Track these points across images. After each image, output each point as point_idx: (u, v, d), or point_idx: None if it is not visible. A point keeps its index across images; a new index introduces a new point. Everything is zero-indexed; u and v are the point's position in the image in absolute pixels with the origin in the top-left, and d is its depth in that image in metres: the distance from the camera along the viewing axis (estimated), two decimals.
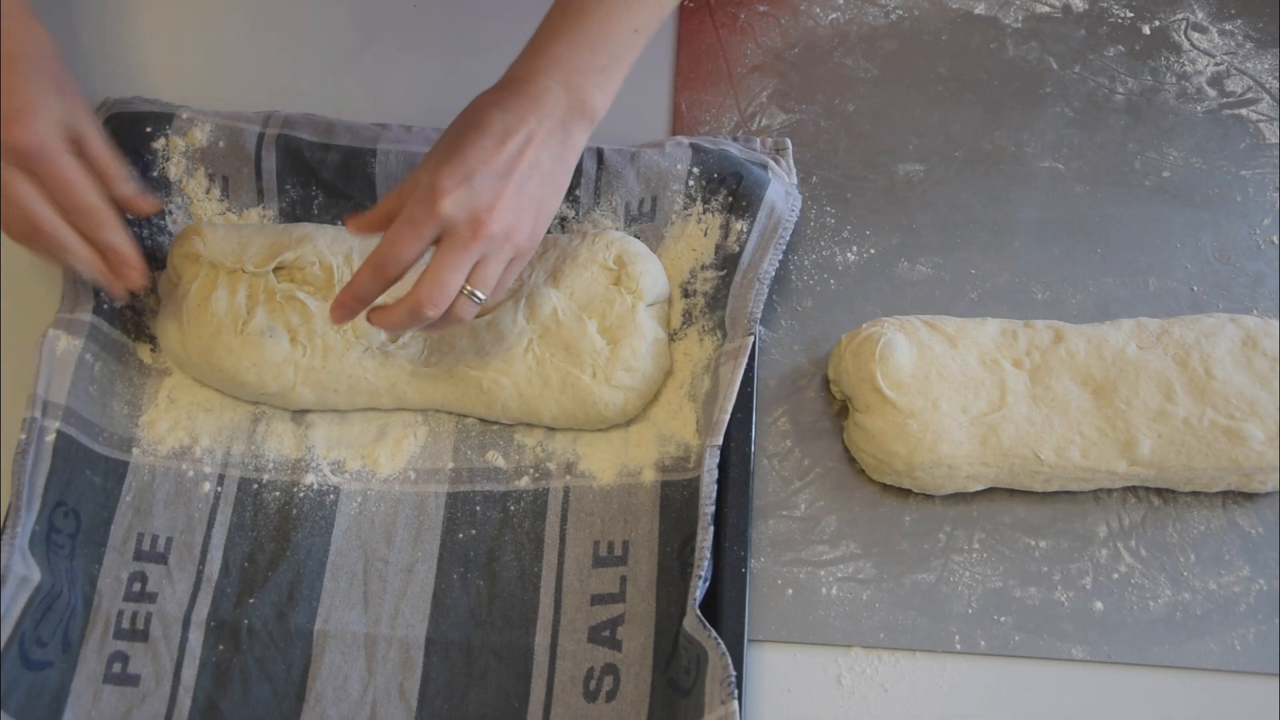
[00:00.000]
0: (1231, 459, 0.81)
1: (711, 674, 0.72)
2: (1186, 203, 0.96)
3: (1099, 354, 0.84)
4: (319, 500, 0.84)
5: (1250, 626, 0.81)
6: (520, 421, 0.86)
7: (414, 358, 0.85)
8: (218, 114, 0.91)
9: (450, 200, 0.73)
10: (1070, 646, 0.80)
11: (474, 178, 0.74)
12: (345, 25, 1.03)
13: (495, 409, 0.85)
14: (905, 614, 0.81)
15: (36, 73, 0.75)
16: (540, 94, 0.76)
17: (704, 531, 0.77)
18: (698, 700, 0.73)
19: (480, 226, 0.74)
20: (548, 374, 0.84)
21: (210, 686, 0.78)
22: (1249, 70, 1.02)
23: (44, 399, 0.80)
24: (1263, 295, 0.92)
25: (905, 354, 0.83)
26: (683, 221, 0.90)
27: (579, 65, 0.77)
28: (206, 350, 0.84)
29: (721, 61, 1.02)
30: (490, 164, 0.74)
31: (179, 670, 0.79)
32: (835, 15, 1.05)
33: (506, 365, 0.84)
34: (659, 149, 0.90)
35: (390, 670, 0.79)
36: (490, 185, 0.74)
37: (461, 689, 0.79)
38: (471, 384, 0.85)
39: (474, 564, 0.82)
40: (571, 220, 0.91)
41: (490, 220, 0.74)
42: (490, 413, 0.86)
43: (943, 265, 0.93)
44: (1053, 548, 0.83)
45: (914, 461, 0.81)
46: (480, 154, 0.74)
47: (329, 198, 0.91)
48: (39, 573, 0.77)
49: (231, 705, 0.78)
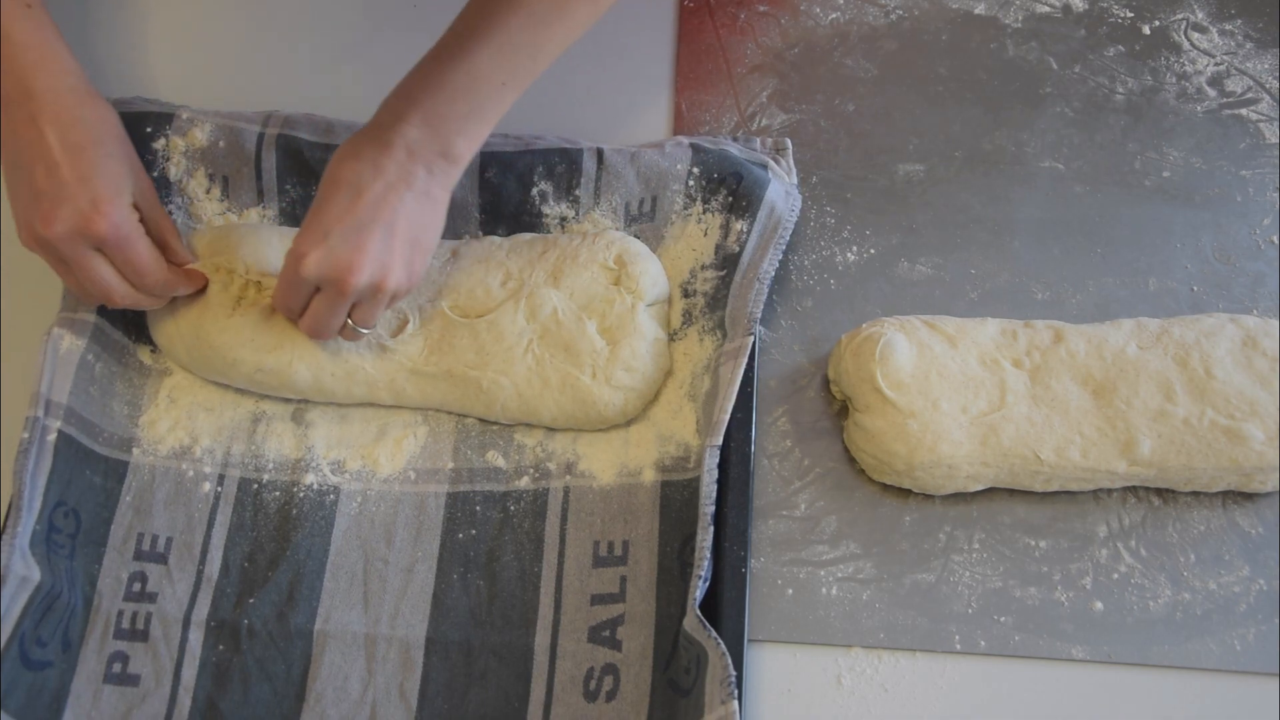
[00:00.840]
0: (1231, 459, 0.81)
1: (711, 674, 0.72)
2: (1186, 203, 0.96)
3: (1099, 354, 0.84)
4: (319, 500, 0.84)
5: (1250, 626, 0.81)
6: (520, 422, 0.86)
7: (414, 355, 0.85)
8: (218, 114, 0.91)
9: (310, 263, 0.77)
10: (1070, 646, 0.80)
11: (331, 236, 0.77)
12: (345, 25, 1.03)
13: (495, 409, 0.85)
14: (905, 614, 0.81)
15: (108, 157, 0.78)
16: (399, 138, 0.77)
17: (704, 531, 0.77)
18: (698, 700, 0.73)
19: (343, 283, 0.77)
20: (547, 374, 0.84)
21: (210, 686, 0.78)
22: (1249, 70, 1.02)
23: (47, 398, 0.80)
24: (1263, 295, 0.92)
25: (905, 354, 0.83)
26: (683, 221, 0.90)
27: (439, 112, 0.78)
28: (197, 326, 0.84)
29: (721, 61, 1.02)
30: (346, 220, 0.76)
31: (179, 670, 0.79)
32: (835, 15, 1.05)
33: (506, 365, 0.84)
34: (659, 149, 0.90)
35: (390, 670, 0.79)
36: (349, 241, 0.76)
37: (461, 689, 0.79)
38: (471, 384, 0.85)
39: (474, 564, 0.82)
40: (571, 220, 0.91)
41: (352, 275, 0.77)
42: (490, 413, 0.86)
43: (943, 265, 0.93)
44: (1053, 548, 0.83)
45: (914, 461, 0.81)
46: (336, 212, 0.77)
47: None
48: (39, 572, 0.77)
49: (231, 705, 0.78)
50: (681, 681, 0.76)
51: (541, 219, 0.91)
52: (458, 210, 0.90)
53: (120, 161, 0.79)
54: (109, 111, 0.80)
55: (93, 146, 0.78)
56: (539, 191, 0.90)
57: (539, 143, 0.91)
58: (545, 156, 0.90)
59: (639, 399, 0.85)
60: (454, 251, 0.88)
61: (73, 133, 0.77)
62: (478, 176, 0.90)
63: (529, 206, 0.91)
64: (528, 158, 0.90)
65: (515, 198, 0.90)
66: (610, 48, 1.02)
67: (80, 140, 0.77)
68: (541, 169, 0.90)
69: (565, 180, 0.90)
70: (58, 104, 0.77)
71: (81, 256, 0.77)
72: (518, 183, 0.90)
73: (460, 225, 0.91)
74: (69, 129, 0.77)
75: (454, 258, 0.88)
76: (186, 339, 0.85)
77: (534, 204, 0.91)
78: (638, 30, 1.03)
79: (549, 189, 0.90)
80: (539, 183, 0.90)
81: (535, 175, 0.90)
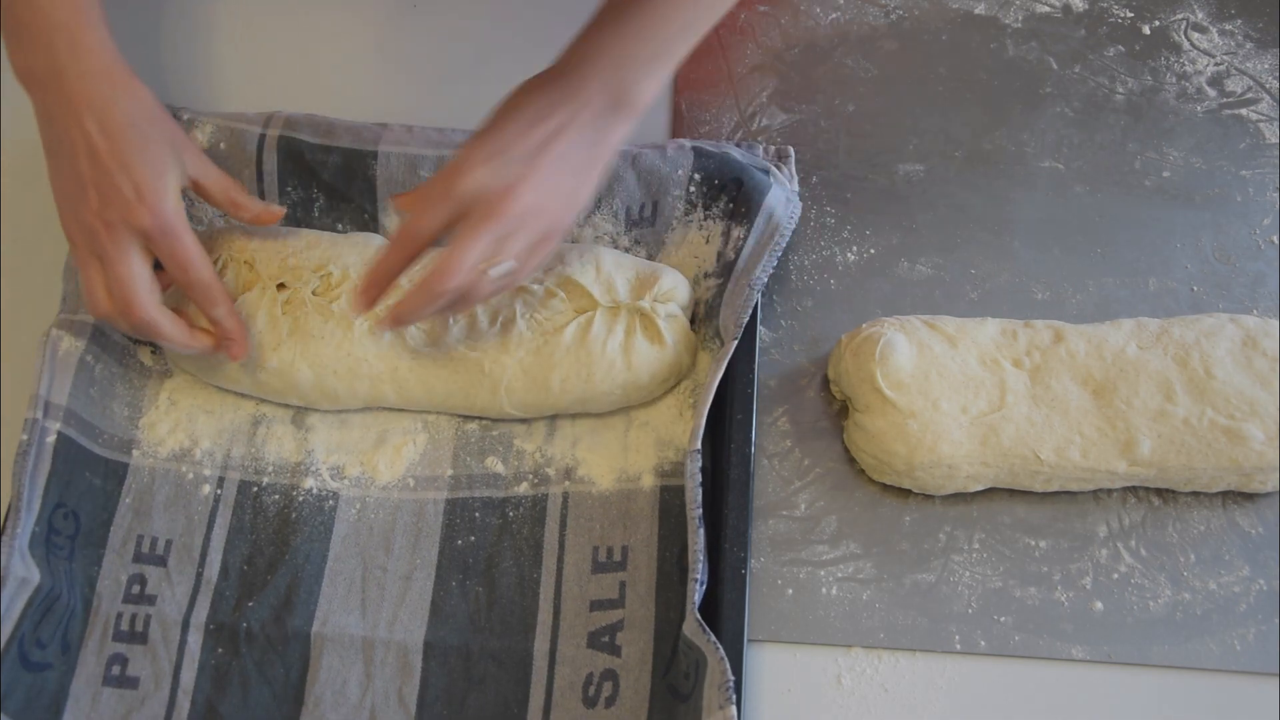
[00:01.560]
0: (1231, 459, 0.81)
1: (710, 679, 0.72)
2: (1186, 203, 0.96)
3: (1099, 354, 0.84)
4: (318, 505, 0.84)
5: (1250, 626, 0.81)
6: (525, 409, 0.86)
7: (415, 335, 0.84)
8: (218, 115, 0.91)
9: (472, 177, 0.73)
10: (1070, 646, 0.80)
11: (500, 156, 0.74)
12: (346, 27, 1.03)
13: (499, 394, 0.84)
14: (905, 614, 0.81)
15: (147, 140, 0.76)
16: (580, 83, 0.75)
17: (694, 535, 0.76)
18: (696, 705, 0.73)
19: (500, 203, 0.73)
20: (552, 349, 0.83)
21: (209, 689, 0.78)
22: (1249, 70, 1.02)
23: (46, 399, 0.80)
24: (1263, 295, 0.92)
25: (905, 354, 0.83)
26: (684, 228, 0.90)
27: (623, 55, 0.76)
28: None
29: (721, 61, 1.02)
30: (518, 145, 0.74)
31: (178, 673, 0.79)
32: (835, 15, 1.05)
33: (508, 345, 0.84)
34: (659, 151, 0.90)
35: (389, 675, 0.79)
36: (516, 165, 0.74)
37: (460, 694, 0.79)
38: (473, 367, 0.84)
39: (473, 570, 0.82)
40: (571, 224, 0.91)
41: (512, 198, 0.73)
42: (494, 400, 0.85)
43: (943, 265, 0.93)
44: (1053, 548, 0.83)
45: (914, 461, 0.81)
46: (510, 135, 0.74)
47: (330, 200, 0.90)
48: (38, 574, 0.77)
49: (231, 708, 0.78)
50: (681, 687, 0.75)
51: None
52: None
53: (161, 144, 0.77)
54: (144, 91, 0.79)
55: (131, 130, 0.76)
56: None
57: None
58: None
59: (668, 371, 0.85)
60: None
61: (110, 117, 0.75)
62: None
63: None
64: None
65: None
66: None
67: (119, 124, 0.75)
68: None
69: None
70: (92, 88, 0.75)
71: (119, 250, 0.76)
72: None
73: None
74: (106, 113, 0.75)
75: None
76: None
77: None
78: None
79: None
80: None
81: None
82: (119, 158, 0.75)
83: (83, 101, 0.75)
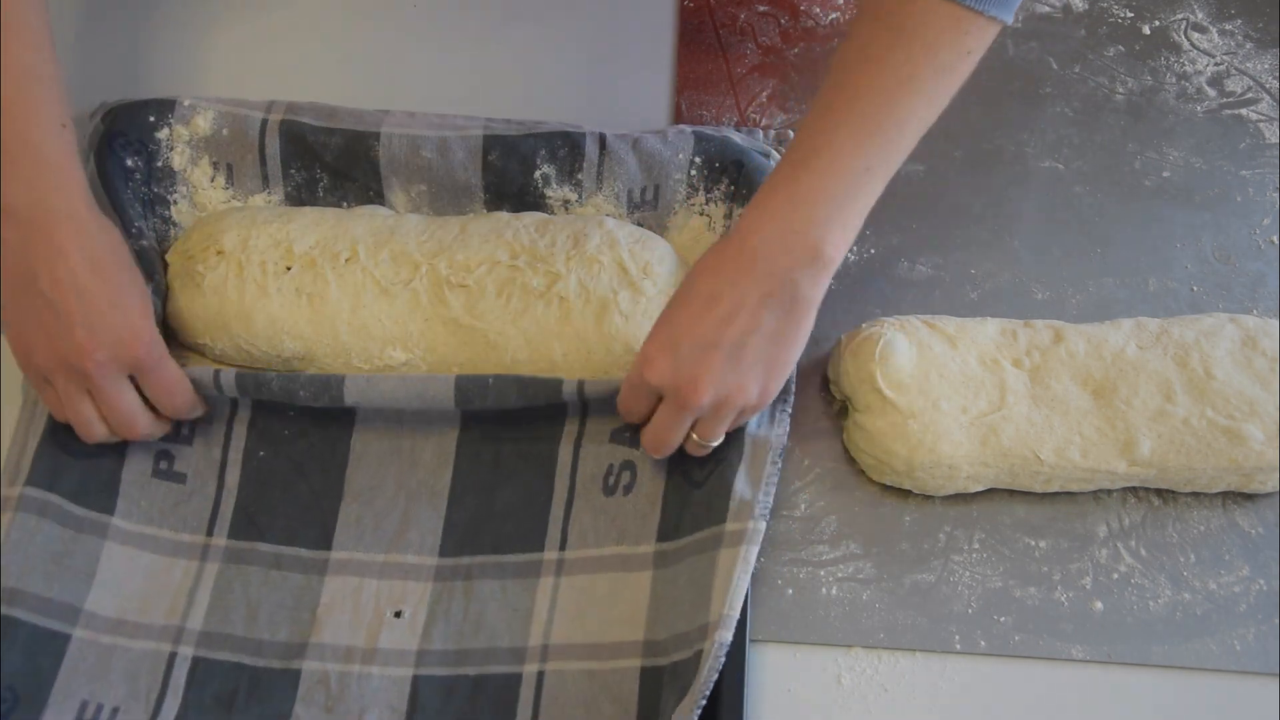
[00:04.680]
0: (1231, 459, 0.81)
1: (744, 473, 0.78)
2: (1186, 203, 0.96)
3: (1099, 354, 0.84)
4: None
5: (1250, 626, 0.81)
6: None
7: (423, 295, 0.85)
8: (220, 101, 0.91)
9: (655, 371, 0.76)
10: (1070, 646, 0.80)
11: (679, 348, 0.75)
12: (347, 17, 1.03)
13: (505, 366, 0.85)
14: (905, 614, 0.81)
15: (134, 280, 0.79)
16: (755, 253, 0.74)
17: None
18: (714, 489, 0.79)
19: (688, 397, 0.75)
20: (557, 318, 0.84)
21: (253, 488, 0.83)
22: (1249, 70, 1.02)
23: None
24: (1263, 295, 0.92)
25: (905, 354, 0.83)
26: (685, 211, 0.91)
27: (801, 218, 0.74)
28: (211, 290, 0.84)
29: (721, 61, 1.02)
30: (696, 334, 0.75)
31: (223, 471, 0.84)
32: (835, 15, 1.05)
33: (510, 315, 0.84)
34: (661, 135, 0.91)
35: (422, 474, 0.84)
36: (696, 356, 0.75)
37: (489, 487, 0.83)
38: (478, 337, 0.84)
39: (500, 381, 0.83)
40: (574, 204, 0.91)
41: (696, 392, 0.75)
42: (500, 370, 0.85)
43: (943, 265, 0.93)
44: (1053, 548, 0.83)
45: (914, 462, 0.81)
46: (687, 322, 0.75)
47: (334, 181, 0.91)
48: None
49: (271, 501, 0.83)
50: (695, 475, 0.80)
51: (545, 201, 0.91)
52: (462, 192, 0.91)
53: (141, 283, 0.80)
54: (118, 232, 0.80)
55: (120, 270, 0.78)
56: (542, 174, 0.91)
57: (542, 126, 0.91)
58: (548, 140, 0.90)
59: None
60: (463, 227, 0.88)
61: (99, 258, 0.76)
62: (480, 159, 0.90)
63: (532, 189, 0.91)
64: (531, 141, 0.90)
65: (518, 180, 0.91)
66: (610, 47, 1.02)
67: (108, 264, 0.77)
68: (544, 152, 0.90)
69: (568, 164, 0.90)
70: (79, 227, 0.76)
71: (113, 385, 0.77)
72: (521, 165, 0.90)
73: (465, 205, 0.92)
74: (95, 254, 0.76)
75: (462, 233, 0.87)
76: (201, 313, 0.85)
77: (537, 187, 0.91)
78: (638, 30, 1.03)
79: (552, 172, 0.91)
80: (542, 165, 0.90)
81: (538, 158, 0.90)
82: (110, 297, 0.76)
83: (71, 241, 0.75)
